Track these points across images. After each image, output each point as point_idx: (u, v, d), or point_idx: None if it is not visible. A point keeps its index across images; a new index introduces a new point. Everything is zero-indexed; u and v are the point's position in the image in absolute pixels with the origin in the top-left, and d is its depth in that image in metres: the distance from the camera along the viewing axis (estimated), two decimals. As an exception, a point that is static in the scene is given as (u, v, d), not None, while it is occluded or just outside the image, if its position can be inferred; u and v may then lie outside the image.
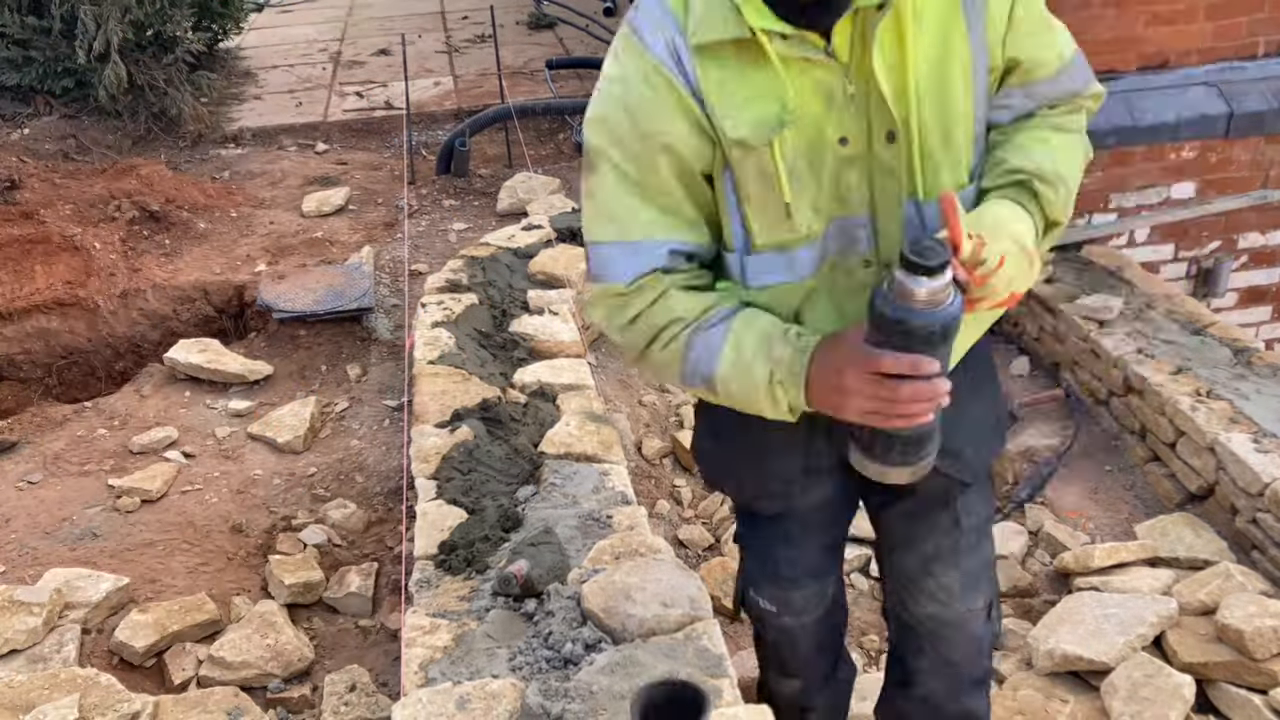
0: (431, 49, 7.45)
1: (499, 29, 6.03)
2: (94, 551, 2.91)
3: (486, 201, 5.13)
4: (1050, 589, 2.81)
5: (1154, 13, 4.63)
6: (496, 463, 2.63)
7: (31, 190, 4.54)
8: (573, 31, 7.71)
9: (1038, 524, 3.01)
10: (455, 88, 6.59)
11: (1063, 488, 3.15)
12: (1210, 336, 3.28)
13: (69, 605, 2.59)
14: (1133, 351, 3.22)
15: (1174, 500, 2.99)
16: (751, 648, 2.59)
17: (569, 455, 2.66)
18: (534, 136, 5.82)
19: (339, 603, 2.79)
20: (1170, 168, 4.79)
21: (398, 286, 4.23)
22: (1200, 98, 4.73)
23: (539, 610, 2.10)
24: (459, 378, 2.98)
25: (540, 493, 2.51)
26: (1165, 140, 4.73)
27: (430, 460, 2.62)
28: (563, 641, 2.00)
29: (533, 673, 1.95)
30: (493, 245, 3.83)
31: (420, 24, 8.16)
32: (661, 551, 2.24)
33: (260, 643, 2.53)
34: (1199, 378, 3.06)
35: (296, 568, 2.83)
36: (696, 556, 2.92)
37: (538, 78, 6.61)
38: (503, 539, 2.35)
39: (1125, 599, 2.56)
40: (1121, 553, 2.75)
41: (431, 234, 4.77)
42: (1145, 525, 2.88)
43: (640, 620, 2.01)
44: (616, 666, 1.92)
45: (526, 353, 3.20)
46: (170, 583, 2.81)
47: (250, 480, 3.26)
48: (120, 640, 2.53)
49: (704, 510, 3.12)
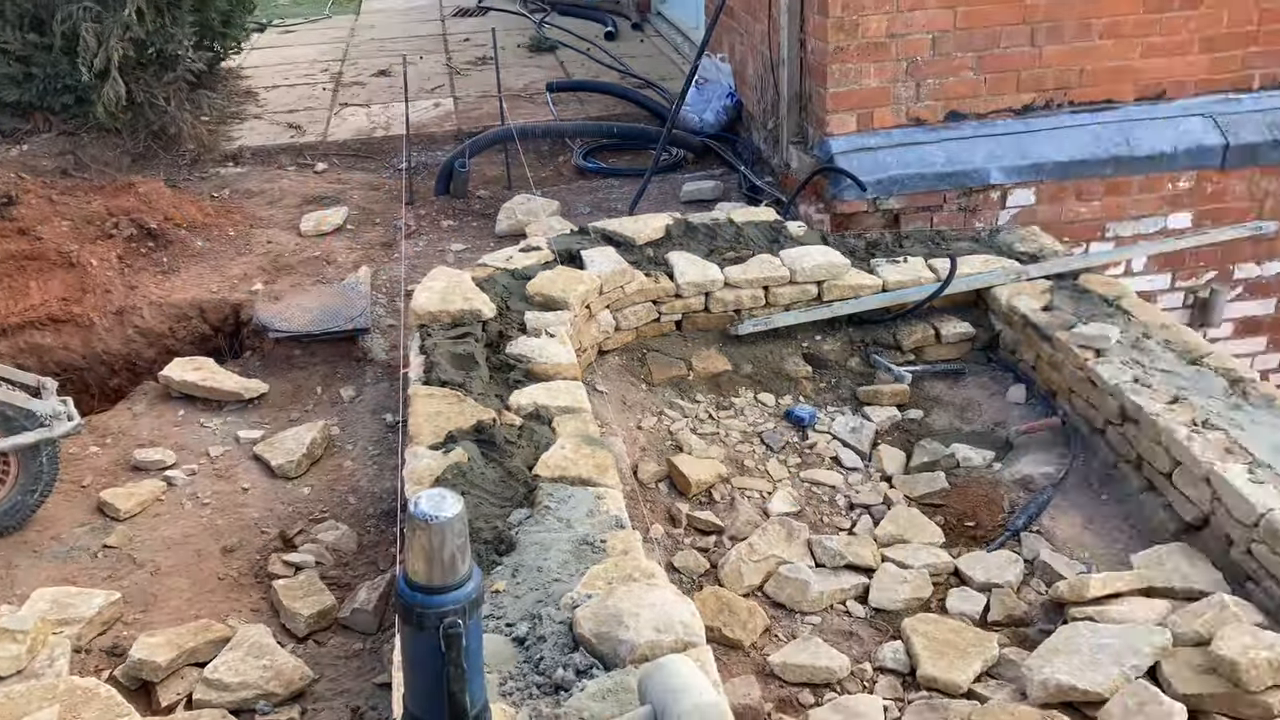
0: (432, 70, 7.49)
1: (500, 51, 6.06)
2: (82, 569, 2.89)
3: (485, 223, 5.14)
4: (1046, 618, 2.79)
5: (1151, 44, 4.67)
6: (490, 485, 2.62)
7: (29, 206, 4.54)
8: (573, 54, 7.76)
9: (1034, 553, 3.00)
10: (455, 109, 6.62)
11: (1059, 516, 3.14)
12: (1206, 366, 3.28)
13: (61, 622, 2.57)
14: (1129, 380, 3.22)
15: (1170, 530, 2.98)
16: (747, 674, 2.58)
17: (564, 478, 2.65)
18: (534, 159, 5.84)
19: (347, 620, 2.77)
20: (1167, 198, 4.82)
21: (394, 307, 4.23)
22: (1197, 129, 4.76)
23: (530, 636, 2.08)
24: (454, 399, 2.98)
25: (534, 516, 2.50)
26: (1162, 170, 4.75)
27: (423, 482, 2.61)
28: (554, 667, 1.99)
29: (523, 699, 1.93)
30: (491, 266, 3.83)
31: (421, 45, 8.20)
32: (656, 576, 2.23)
33: (256, 664, 2.50)
34: (1195, 407, 3.06)
35: (305, 593, 2.81)
36: (691, 582, 2.91)
37: (538, 100, 6.64)
38: (495, 562, 2.33)
39: (1121, 629, 2.55)
40: (1117, 583, 2.73)
41: (429, 254, 4.77)
42: (1141, 555, 2.87)
43: (633, 646, 1.99)
44: (608, 693, 1.91)
45: (523, 375, 3.20)
46: (163, 602, 2.80)
47: (242, 500, 3.24)
48: (140, 658, 2.50)
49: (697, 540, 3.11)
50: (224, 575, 2.91)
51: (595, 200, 5.38)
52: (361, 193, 5.55)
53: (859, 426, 3.56)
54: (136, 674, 2.48)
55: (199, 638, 2.59)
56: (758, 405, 3.69)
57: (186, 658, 2.54)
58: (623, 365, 3.78)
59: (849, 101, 4.54)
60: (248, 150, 6.02)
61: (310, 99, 6.94)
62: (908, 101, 4.59)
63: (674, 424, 3.56)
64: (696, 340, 3.88)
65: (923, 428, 3.62)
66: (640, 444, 3.43)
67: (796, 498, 3.26)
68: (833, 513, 3.24)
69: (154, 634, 2.58)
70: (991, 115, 4.66)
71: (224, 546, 3.02)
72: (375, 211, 5.31)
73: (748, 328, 3.84)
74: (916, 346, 3.90)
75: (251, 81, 7.33)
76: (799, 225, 4.23)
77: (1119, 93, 4.74)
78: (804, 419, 3.59)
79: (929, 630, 2.67)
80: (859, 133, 4.59)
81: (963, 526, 3.18)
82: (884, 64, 4.50)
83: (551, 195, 5.31)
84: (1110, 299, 3.72)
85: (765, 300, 3.89)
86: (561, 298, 3.57)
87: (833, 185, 4.55)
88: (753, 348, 3.86)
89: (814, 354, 3.87)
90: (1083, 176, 4.68)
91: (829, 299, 3.90)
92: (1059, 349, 3.51)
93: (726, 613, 2.72)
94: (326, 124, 6.44)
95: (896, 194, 4.56)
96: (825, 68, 4.48)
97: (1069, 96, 4.69)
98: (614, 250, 3.92)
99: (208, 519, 3.13)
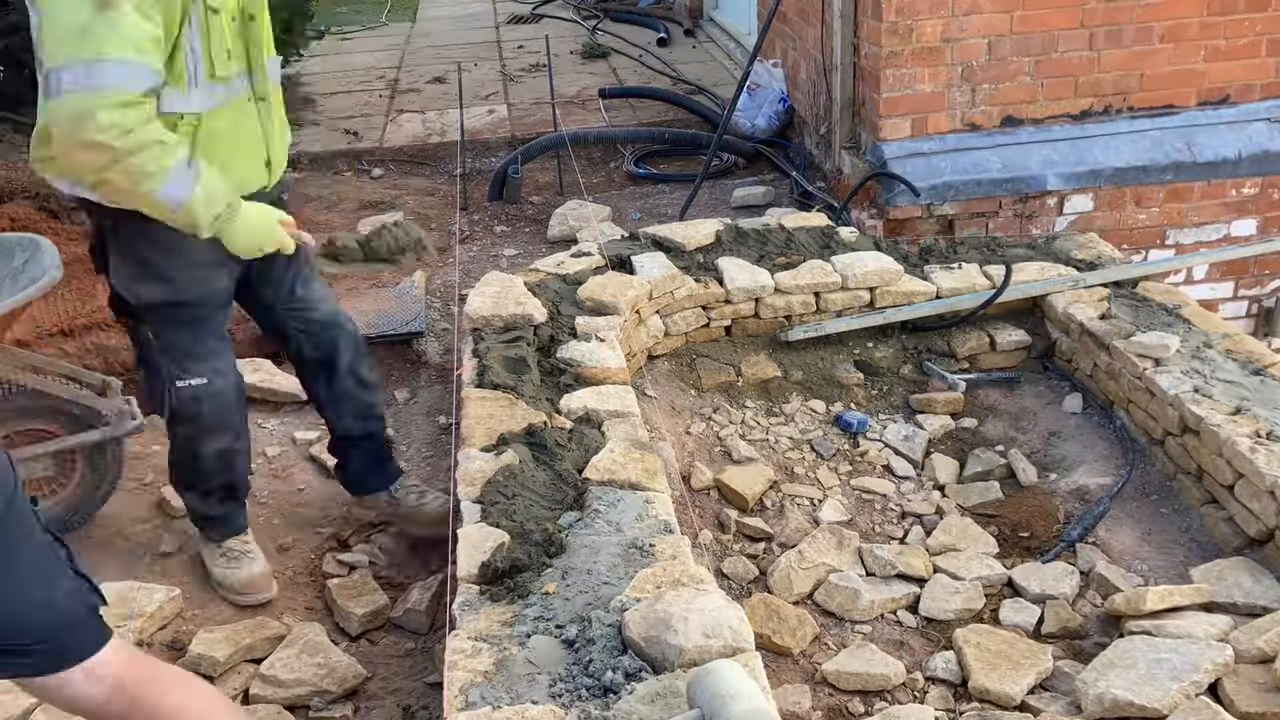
0: (486, 77, 7.56)
1: (553, 58, 6.10)
2: (143, 566, 2.96)
3: (537, 228, 5.18)
4: (1101, 631, 2.75)
5: (1215, 48, 4.57)
6: (541, 487, 2.64)
7: (97, 211, 4.65)
8: (626, 61, 7.79)
9: (1089, 564, 2.95)
10: (509, 115, 6.68)
11: (1115, 528, 3.09)
12: (1270, 377, 3.21)
13: (124, 616, 2.63)
14: (1189, 390, 3.15)
15: (1231, 544, 2.91)
16: (796, 682, 2.57)
17: (613, 482, 2.66)
18: (586, 164, 5.87)
19: (400, 619, 2.81)
20: (1231, 204, 4.71)
21: (448, 311, 4.28)
22: (1263, 134, 4.65)
23: (579, 638, 2.10)
24: (506, 402, 3.00)
25: (584, 519, 2.52)
26: (1225, 176, 4.65)
27: (475, 484, 2.64)
28: (603, 670, 2.00)
29: (572, 700, 1.94)
30: (542, 271, 3.86)
31: (476, 53, 8.29)
32: (705, 582, 2.23)
33: (310, 661, 2.55)
34: (1259, 419, 2.99)
35: (358, 592, 2.85)
36: (740, 589, 2.90)
37: (590, 106, 6.68)
38: (545, 564, 2.35)
39: (1179, 644, 2.50)
40: (1175, 596, 2.68)
41: (483, 259, 4.82)
42: (1201, 569, 2.81)
43: (681, 650, 1.99)
44: (656, 696, 1.91)
45: (573, 379, 3.22)
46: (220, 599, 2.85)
47: (299, 500, 3.30)
48: (199, 653, 2.55)
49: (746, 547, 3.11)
50: (280, 573, 2.96)
51: (646, 206, 5.39)
52: (416, 198, 5.62)
53: (911, 435, 3.53)
54: (195, 667, 2.53)
55: (255, 634, 2.64)
56: (808, 412, 3.67)
57: (244, 654, 2.59)
58: (672, 370, 3.79)
59: (903, 106, 4.51)
60: (306, 156, 6.13)
61: (367, 105, 7.05)
62: (963, 107, 4.54)
63: (723, 430, 3.55)
64: (746, 346, 3.87)
65: (977, 437, 3.58)
66: (689, 449, 3.43)
67: (847, 506, 3.24)
68: (884, 521, 3.22)
69: (212, 630, 2.64)
70: (1048, 121, 4.60)
71: (280, 545, 3.07)
72: (430, 217, 5.37)
73: (798, 334, 3.83)
74: (971, 354, 3.85)
75: (310, 89, 7.46)
76: (851, 231, 4.20)
77: (1180, 97, 4.65)
78: (853, 425, 3.57)
79: (981, 641, 2.64)
80: (913, 138, 4.56)
81: (1016, 537, 3.14)
82: (938, 69, 4.46)
83: (603, 201, 5.34)
84: (1170, 307, 3.65)
85: (816, 306, 3.88)
86: (611, 303, 3.59)
87: (886, 191, 4.52)
88: (803, 354, 3.84)
89: (866, 361, 3.85)
90: (1142, 183, 4.60)
91: (881, 305, 3.87)
92: (1117, 358, 3.45)
93: (775, 620, 2.71)
94: (383, 130, 6.53)
95: (951, 200, 4.52)
96: (879, 72, 4.46)
97: (1128, 102, 4.61)
98: (664, 256, 3.93)
99: (265, 518, 3.18)
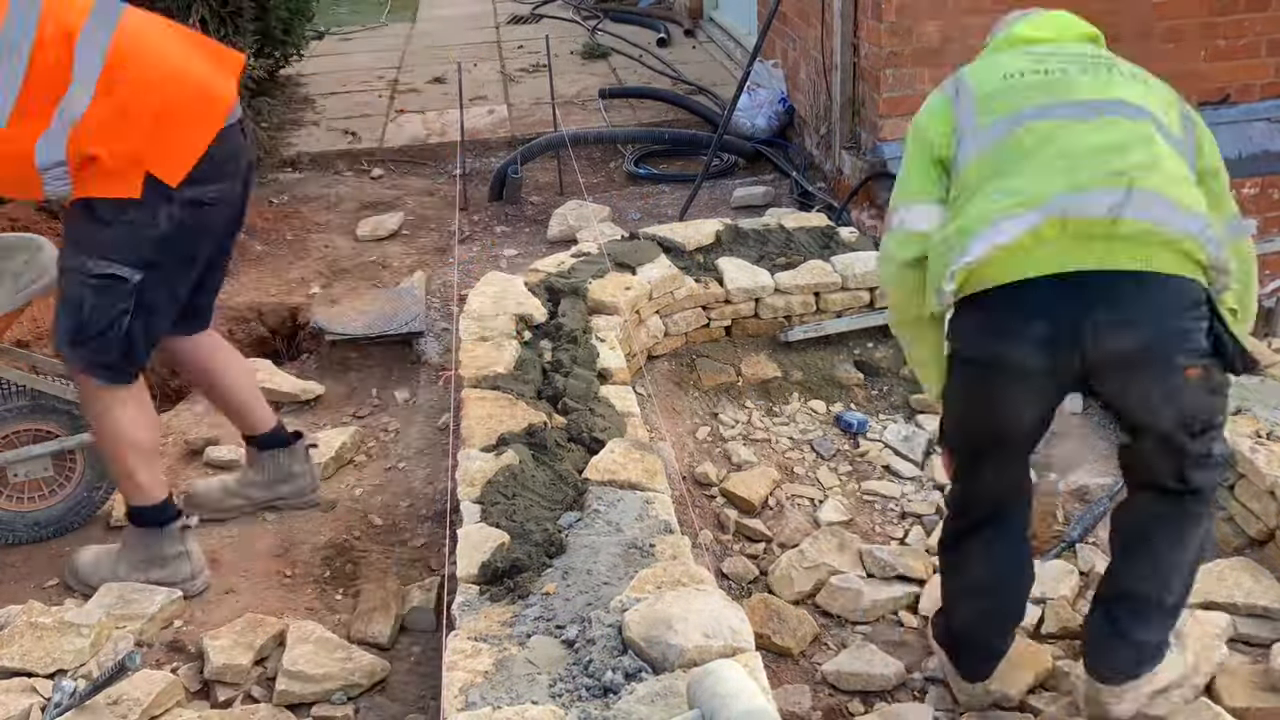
0: (487, 77, 7.56)
1: (553, 58, 6.10)
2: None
3: (537, 228, 5.18)
4: (1101, 632, 2.75)
5: (1215, 48, 4.58)
6: (541, 488, 2.64)
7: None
8: (626, 61, 7.79)
9: (1089, 564, 2.95)
10: (509, 115, 6.68)
11: (1115, 528, 3.09)
12: (1271, 377, 3.21)
13: (124, 617, 2.62)
14: (1189, 391, 3.15)
15: (1232, 544, 2.92)
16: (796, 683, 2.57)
17: (613, 482, 2.66)
18: (586, 165, 5.87)
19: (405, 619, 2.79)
20: (1230, 204, 4.71)
21: (448, 311, 4.28)
22: (1263, 134, 4.65)
23: (579, 638, 2.10)
24: (505, 402, 3.00)
25: (584, 519, 2.52)
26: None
27: (475, 484, 2.64)
28: (603, 670, 1.99)
29: (572, 700, 1.94)
30: (542, 272, 3.86)
31: (476, 53, 8.29)
32: (705, 582, 2.23)
33: (331, 656, 2.53)
34: (1259, 419, 2.99)
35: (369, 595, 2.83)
36: (740, 589, 2.90)
37: (590, 107, 6.68)
38: (545, 564, 2.35)
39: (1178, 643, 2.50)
40: (1176, 597, 2.68)
41: (482, 260, 4.82)
42: (1201, 569, 2.81)
43: (681, 650, 1.99)
44: (656, 696, 1.91)
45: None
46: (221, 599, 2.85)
47: (298, 499, 3.29)
48: (222, 664, 2.50)
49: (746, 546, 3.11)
50: (280, 573, 2.96)
51: (646, 206, 5.40)
52: (416, 198, 5.62)
53: (911, 435, 3.53)
54: (220, 679, 2.51)
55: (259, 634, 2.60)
56: (808, 412, 3.67)
57: (256, 655, 2.58)
58: (672, 370, 3.79)
59: (903, 107, 4.51)
60: (306, 156, 6.13)
61: (367, 105, 7.05)
62: (963, 107, 4.53)
63: (723, 430, 3.55)
64: (746, 346, 3.87)
65: (976, 436, 3.57)
66: (689, 449, 3.43)
67: (847, 506, 3.24)
68: (884, 522, 3.22)
69: (218, 636, 2.60)
70: (1049, 120, 4.59)
71: (281, 544, 3.07)
72: (430, 217, 5.38)
73: (798, 334, 3.83)
74: (970, 354, 3.85)
75: (309, 89, 7.46)
76: (851, 231, 4.20)
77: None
78: (853, 425, 3.57)
79: (981, 641, 2.64)
80: (913, 138, 4.55)
81: (1016, 537, 3.13)
82: (939, 69, 4.46)
83: (603, 201, 5.34)
84: (1170, 307, 3.64)
85: (816, 306, 3.88)
86: (611, 303, 3.59)
87: (885, 191, 4.52)
88: (803, 354, 3.84)
89: (866, 361, 3.85)
90: (1143, 182, 4.59)
91: (881, 306, 3.87)
92: (1117, 358, 3.45)
93: (776, 620, 2.71)
94: (383, 130, 6.54)
95: (951, 200, 4.51)
96: (879, 72, 4.46)
97: (1129, 101, 4.60)
98: (664, 256, 3.93)
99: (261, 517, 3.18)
